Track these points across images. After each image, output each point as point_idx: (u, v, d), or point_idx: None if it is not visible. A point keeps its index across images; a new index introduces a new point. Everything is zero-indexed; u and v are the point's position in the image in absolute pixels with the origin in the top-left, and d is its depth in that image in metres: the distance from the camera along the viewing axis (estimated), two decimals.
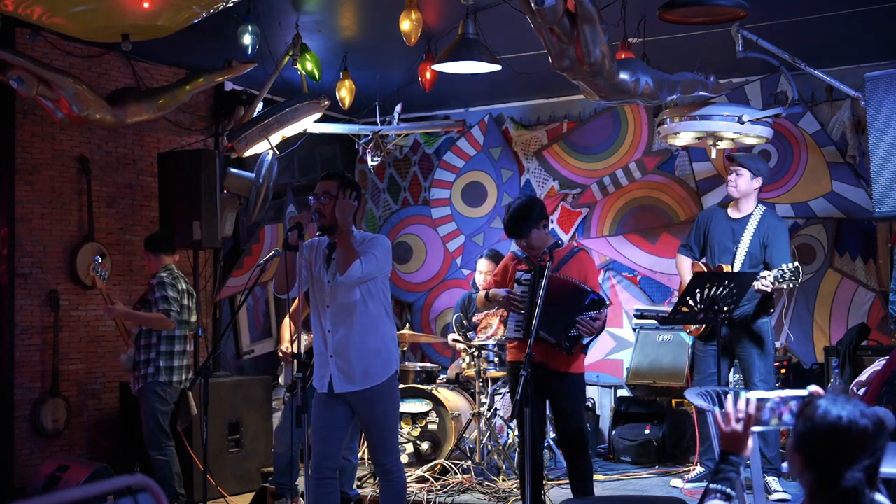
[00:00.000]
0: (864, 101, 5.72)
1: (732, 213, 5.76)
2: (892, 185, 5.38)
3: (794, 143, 7.15)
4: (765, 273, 5.34)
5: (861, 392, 4.48)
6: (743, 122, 5.97)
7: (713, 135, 6.15)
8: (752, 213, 5.67)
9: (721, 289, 5.13)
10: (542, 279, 4.63)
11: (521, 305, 4.79)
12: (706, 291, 5.15)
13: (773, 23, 5.81)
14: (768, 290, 5.31)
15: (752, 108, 6.43)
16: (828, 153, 7.05)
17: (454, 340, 6.59)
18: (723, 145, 6.31)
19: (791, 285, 5.31)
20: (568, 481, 5.32)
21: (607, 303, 4.81)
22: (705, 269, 5.72)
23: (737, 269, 5.56)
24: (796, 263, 5.29)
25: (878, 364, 4.39)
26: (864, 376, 4.58)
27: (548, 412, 5.06)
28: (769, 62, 6.18)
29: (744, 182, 5.64)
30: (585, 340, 4.76)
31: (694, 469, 5.88)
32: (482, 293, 5.14)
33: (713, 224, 5.80)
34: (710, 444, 5.67)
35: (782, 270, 5.28)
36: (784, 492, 5.42)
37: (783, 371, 6.62)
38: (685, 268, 5.86)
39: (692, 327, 5.80)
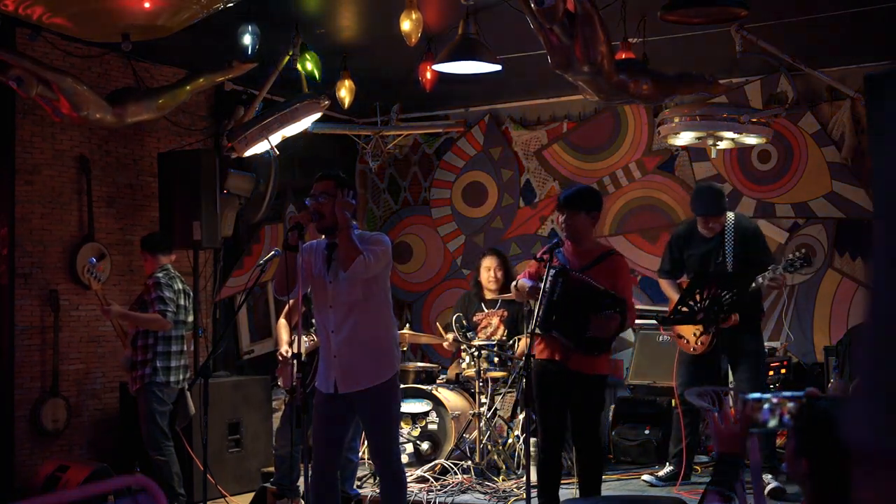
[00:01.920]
0: (864, 101, 5.72)
1: (705, 231, 5.70)
2: None
3: (794, 143, 7.15)
4: (771, 267, 5.42)
5: None
6: (743, 122, 5.97)
7: (713, 135, 6.15)
8: (724, 225, 5.69)
9: (723, 290, 5.14)
10: (560, 279, 4.65)
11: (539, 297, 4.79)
12: (706, 292, 5.16)
13: (773, 23, 5.81)
14: (778, 284, 5.41)
15: (752, 108, 6.44)
16: (828, 153, 7.05)
17: (455, 340, 6.58)
18: (723, 145, 6.31)
19: (803, 275, 5.40)
20: (565, 482, 5.33)
21: (624, 302, 4.65)
22: None
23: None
24: (804, 251, 5.44)
25: None
26: None
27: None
28: (769, 62, 6.18)
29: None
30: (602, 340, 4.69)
31: (665, 468, 5.98)
32: (513, 285, 5.16)
33: (691, 247, 5.79)
34: (681, 449, 5.81)
35: (790, 260, 5.35)
36: (776, 480, 5.44)
37: (783, 371, 6.62)
38: (670, 287, 5.86)
39: (696, 344, 5.71)
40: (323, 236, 4.53)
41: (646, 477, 5.99)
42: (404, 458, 6.12)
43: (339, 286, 4.37)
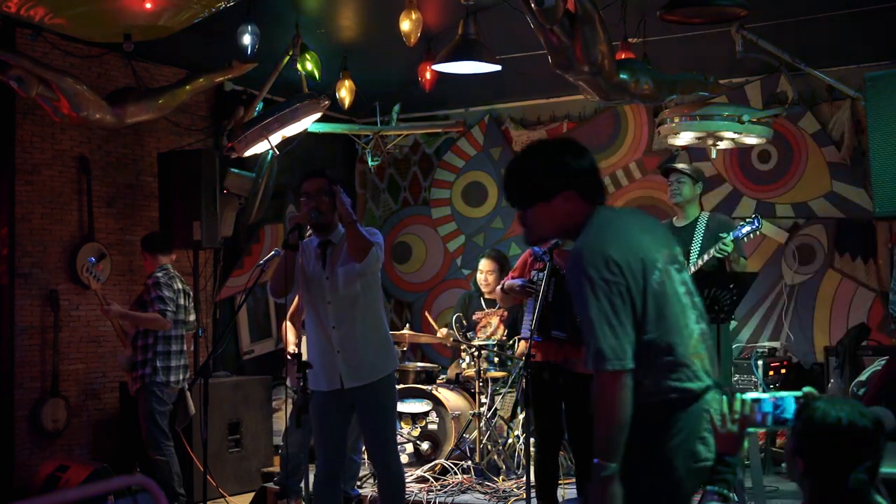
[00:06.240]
0: (864, 101, 5.72)
1: (677, 221, 5.79)
2: (892, 185, 5.38)
3: (794, 143, 7.15)
4: (722, 235, 5.40)
5: (860, 392, 4.49)
6: (743, 122, 5.96)
7: (713, 135, 6.14)
8: (697, 218, 5.72)
9: (723, 290, 5.13)
10: (551, 278, 4.67)
11: (534, 292, 4.82)
12: (706, 292, 5.15)
13: (773, 23, 5.81)
14: (730, 249, 5.35)
15: (752, 108, 6.43)
16: (828, 153, 7.05)
17: (454, 341, 6.58)
18: (723, 145, 6.31)
19: (754, 235, 5.39)
20: (565, 482, 5.32)
21: None
22: None
23: (692, 269, 5.59)
24: (754, 215, 5.40)
25: (878, 364, 4.40)
26: (863, 376, 4.59)
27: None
28: (769, 62, 6.18)
29: (687, 189, 5.74)
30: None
31: None
32: (499, 288, 5.16)
33: None
34: None
35: (740, 225, 5.36)
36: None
37: (783, 371, 6.62)
38: None
39: None
40: (311, 234, 4.51)
41: None
42: (404, 459, 6.12)
43: (338, 281, 4.37)
